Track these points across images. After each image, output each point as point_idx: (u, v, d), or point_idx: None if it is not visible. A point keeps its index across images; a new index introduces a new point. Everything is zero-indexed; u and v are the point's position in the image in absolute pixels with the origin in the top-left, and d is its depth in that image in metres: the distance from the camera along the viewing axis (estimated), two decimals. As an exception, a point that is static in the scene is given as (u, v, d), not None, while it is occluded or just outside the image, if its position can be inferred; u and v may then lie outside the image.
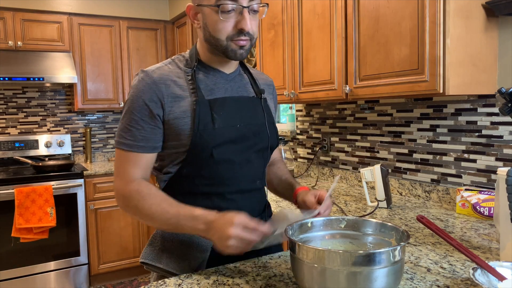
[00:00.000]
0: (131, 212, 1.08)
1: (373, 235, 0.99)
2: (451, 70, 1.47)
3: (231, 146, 1.11)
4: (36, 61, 3.35)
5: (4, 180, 3.00)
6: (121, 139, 1.08)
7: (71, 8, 3.54)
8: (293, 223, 0.99)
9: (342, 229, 1.03)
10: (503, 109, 1.17)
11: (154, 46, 3.91)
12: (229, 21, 1.04)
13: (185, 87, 1.10)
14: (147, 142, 1.07)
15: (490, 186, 1.69)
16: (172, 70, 1.12)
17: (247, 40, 1.07)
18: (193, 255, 1.12)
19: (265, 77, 1.32)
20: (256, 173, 1.19)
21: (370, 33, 1.75)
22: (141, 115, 1.06)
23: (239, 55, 1.08)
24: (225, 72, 1.17)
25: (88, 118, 3.97)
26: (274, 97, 1.34)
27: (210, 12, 1.05)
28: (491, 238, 1.35)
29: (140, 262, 1.19)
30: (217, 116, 1.09)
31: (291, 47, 2.28)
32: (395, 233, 0.94)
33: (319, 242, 1.01)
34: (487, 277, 0.91)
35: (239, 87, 1.19)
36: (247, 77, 1.24)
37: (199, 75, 1.13)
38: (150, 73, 1.09)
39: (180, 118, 1.07)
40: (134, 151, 1.07)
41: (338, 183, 1.07)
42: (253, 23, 1.07)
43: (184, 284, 1.01)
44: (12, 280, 3.03)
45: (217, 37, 1.06)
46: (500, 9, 1.51)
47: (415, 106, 2.00)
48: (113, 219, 3.42)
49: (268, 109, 1.22)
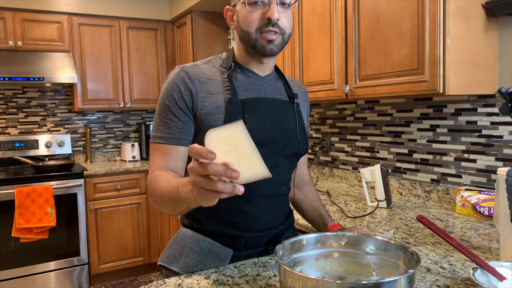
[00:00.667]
0: (154, 201, 1.02)
1: (377, 254, 0.87)
2: (451, 70, 1.48)
3: (260, 148, 1.10)
4: (36, 61, 3.35)
5: (4, 180, 3.00)
6: (157, 133, 1.09)
7: (71, 8, 3.54)
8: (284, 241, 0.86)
9: (342, 247, 0.90)
10: (503, 109, 1.17)
11: (154, 46, 3.91)
12: (256, 12, 1.05)
13: (219, 85, 1.11)
14: (183, 134, 1.08)
15: (490, 186, 1.69)
16: (208, 68, 1.13)
17: (276, 32, 1.06)
18: (211, 264, 1.11)
19: (299, 84, 1.32)
20: (283, 178, 1.18)
21: (370, 33, 1.75)
22: (176, 108, 1.07)
23: (269, 50, 1.08)
24: (260, 74, 1.17)
25: (88, 118, 3.97)
26: (308, 104, 1.33)
27: (241, 8, 1.08)
28: (491, 238, 1.35)
29: (158, 265, 1.19)
30: (248, 116, 1.09)
31: (291, 47, 2.28)
32: (403, 254, 0.82)
33: (315, 262, 0.90)
34: (487, 277, 0.91)
35: (273, 90, 1.19)
36: (282, 82, 1.24)
37: (235, 75, 1.14)
38: (186, 68, 1.10)
39: (212, 114, 1.08)
40: (169, 143, 1.07)
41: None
42: (283, 16, 1.06)
43: (184, 284, 1.01)
44: (12, 280, 3.03)
45: (247, 31, 1.07)
46: (500, 9, 1.51)
47: (415, 106, 2.00)
48: (113, 219, 3.42)
49: (300, 114, 1.22)
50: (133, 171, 3.48)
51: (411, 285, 0.72)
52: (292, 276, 0.72)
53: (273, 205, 1.16)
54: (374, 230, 1.48)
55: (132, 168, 3.47)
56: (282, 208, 1.21)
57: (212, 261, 1.12)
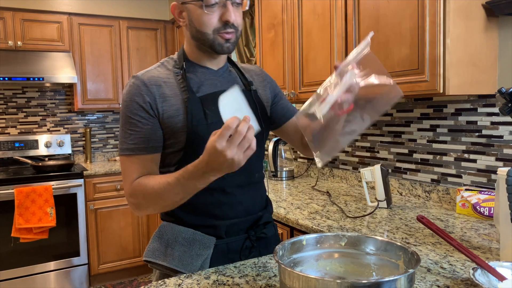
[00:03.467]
0: (143, 206, 1.07)
1: (377, 255, 0.87)
2: (451, 70, 1.47)
3: None
4: (36, 61, 3.35)
5: (4, 180, 3.00)
6: (123, 145, 1.09)
7: (71, 8, 3.54)
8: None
9: (342, 248, 0.90)
10: (503, 109, 1.17)
11: (154, 46, 3.91)
12: (213, 14, 1.06)
13: (175, 86, 1.12)
14: (148, 142, 1.09)
15: (490, 186, 1.69)
16: (162, 72, 1.14)
17: (233, 32, 1.09)
18: (196, 252, 1.12)
19: (253, 68, 1.34)
20: (254, 166, 1.21)
21: (370, 33, 1.75)
22: (138, 117, 1.08)
23: (226, 49, 1.10)
24: (213, 68, 1.19)
25: (88, 118, 3.97)
26: (269, 83, 1.33)
27: (194, 8, 1.08)
28: (491, 238, 1.35)
29: (143, 260, 1.20)
30: (209, 111, 1.11)
31: (291, 47, 2.28)
32: (403, 254, 0.82)
33: (315, 263, 0.90)
34: (487, 277, 0.91)
35: (228, 82, 1.20)
36: (235, 72, 1.26)
37: (188, 74, 1.15)
38: (140, 76, 1.11)
39: (173, 117, 1.09)
40: (137, 153, 1.08)
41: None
42: (237, 15, 1.09)
43: (184, 284, 1.01)
44: (12, 280, 3.02)
45: (203, 31, 1.08)
46: (500, 9, 1.51)
47: (415, 106, 2.00)
48: (113, 219, 3.42)
49: (259, 100, 1.24)
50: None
51: (411, 285, 0.72)
52: (292, 276, 0.72)
53: (248, 193, 1.19)
54: (375, 230, 1.48)
55: (132, 168, 3.47)
56: (258, 194, 1.24)
57: (197, 249, 1.12)
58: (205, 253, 1.13)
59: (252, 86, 1.24)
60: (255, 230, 1.21)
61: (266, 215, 1.25)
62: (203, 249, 1.12)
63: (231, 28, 1.08)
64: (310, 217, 1.68)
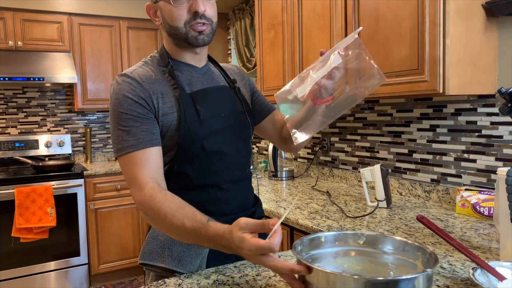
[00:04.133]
0: (150, 221, 1.02)
1: (395, 254, 0.87)
2: (451, 70, 1.48)
3: (219, 136, 1.13)
4: (36, 61, 3.35)
5: (4, 180, 3.00)
6: (123, 143, 1.03)
7: (71, 8, 3.54)
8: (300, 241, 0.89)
9: (360, 246, 0.90)
10: (503, 109, 1.17)
11: (154, 46, 3.91)
12: (182, 7, 1.07)
13: (166, 84, 1.12)
14: (151, 135, 1.05)
15: (490, 186, 1.69)
16: (148, 70, 1.13)
17: (206, 24, 1.09)
18: (195, 251, 1.12)
19: (232, 67, 1.35)
20: (245, 161, 1.23)
21: (370, 33, 1.75)
22: (135, 113, 1.04)
23: (201, 41, 1.10)
24: (197, 66, 1.19)
25: (88, 118, 3.97)
26: (247, 81, 1.34)
27: (164, 4, 1.08)
28: (491, 238, 1.35)
29: (139, 264, 1.18)
30: (200, 108, 1.11)
31: (291, 47, 2.28)
32: (422, 255, 0.81)
33: (333, 260, 0.90)
34: (487, 277, 0.91)
35: (213, 79, 1.21)
36: (217, 70, 1.26)
37: (175, 71, 1.15)
38: (130, 74, 1.09)
39: (168, 114, 1.09)
40: (140, 148, 1.02)
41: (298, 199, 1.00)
42: (207, 5, 1.08)
43: (184, 284, 1.01)
44: (12, 280, 3.03)
45: (175, 26, 1.08)
46: (500, 9, 1.51)
47: (415, 106, 2.00)
48: (113, 219, 3.42)
49: (243, 97, 1.25)
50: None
51: (429, 285, 0.72)
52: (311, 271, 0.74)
53: (241, 188, 1.20)
54: (374, 230, 1.48)
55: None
56: (249, 190, 1.26)
57: (196, 248, 1.11)
58: (204, 251, 1.12)
59: (235, 83, 1.25)
60: None
61: (259, 210, 1.27)
62: (202, 248, 1.12)
63: (202, 19, 1.07)
64: (310, 217, 1.68)
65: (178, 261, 1.11)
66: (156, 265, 1.14)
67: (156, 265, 1.14)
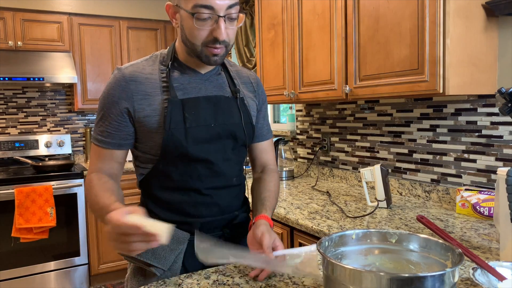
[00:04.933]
0: (88, 203, 1.10)
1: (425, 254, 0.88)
2: (451, 70, 1.48)
3: (205, 145, 1.12)
4: (36, 61, 3.35)
5: (4, 180, 3.00)
6: (94, 134, 1.13)
7: (71, 8, 3.54)
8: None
9: (392, 245, 0.91)
10: (503, 109, 1.17)
11: (154, 46, 3.91)
12: (204, 29, 1.04)
13: (156, 85, 1.11)
14: (112, 138, 1.10)
15: (490, 186, 1.69)
16: (147, 66, 1.13)
17: (222, 47, 1.06)
18: (170, 247, 1.12)
19: (247, 75, 1.30)
20: (233, 171, 1.20)
21: (370, 33, 1.75)
22: (110, 111, 1.09)
23: (213, 62, 1.09)
24: (201, 72, 1.17)
25: (88, 118, 3.97)
26: (259, 93, 1.30)
27: (186, 16, 1.04)
28: (491, 238, 1.35)
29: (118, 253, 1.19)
30: (188, 116, 1.10)
31: (291, 47, 2.28)
32: (451, 255, 0.82)
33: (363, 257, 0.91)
34: (487, 277, 0.91)
35: (214, 87, 1.18)
36: (225, 77, 1.23)
37: (174, 74, 1.14)
38: (123, 69, 1.12)
39: (150, 117, 1.09)
40: (101, 146, 1.11)
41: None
42: (229, 31, 1.06)
43: (184, 284, 1.01)
44: (12, 280, 3.03)
45: (192, 42, 1.07)
46: (500, 9, 1.51)
47: (415, 106, 2.00)
48: (113, 219, 3.41)
49: (244, 108, 1.21)
50: (133, 171, 3.48)
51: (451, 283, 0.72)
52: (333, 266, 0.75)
53: (225, 195, 1.19)
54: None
55: (132, 168, 3.47)
56: (235, 197, 1.23)
57: (171, 244, 1.11)
58: (179, 247, 1.12)
59: (239, 93, 1.21)
60: (230, 228, 1.21)
61: (242, 215, 1.25)
62: (177, 244, 1.12)
63: (220, 44, 1.05)
64: (310, 217, 1.68)
65: (152, 255, 1.10)
66: (132, 257, 1.13)
67: (133, 257, 1.13)
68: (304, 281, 1.01)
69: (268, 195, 1.24)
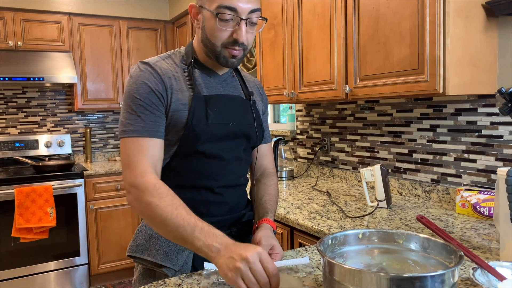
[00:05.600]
0: (141, 207, 1.00)
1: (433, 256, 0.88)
2: (451, 70, 1.48)
3: (221, 143, 1.15)
4: (36, 61, 3.35)
5: (4, 180, 3.00)
6: (129, 127, 1.04)
7: (71, 8, 3.54)
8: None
9: (399, 245, 0.92)
10: (503, 109, 1.17)
11: (154, 46, 3.91)
12: (226, 30, 1.06)
13: (182, 82, 1.13)
14: (157, 126, 1.07)
15: (490, 186, 1.69)
16: (170, 65, 1.14)
17: (240, 50, 1.09)
18: (180, 247, 1.12)
19: (254, 80, 1.36)
20: (243, 170, 1.24)
21: (370, 33, 1.75)
22: (148, 101, 1.06)
23: (230, 64, 1.11)
24: (218, 73, 1.20)
25: (88, 118, 3.97)
26: (264, 98, 1.37)
27: (209, 16, 1.07)
28: (491, 238, 1.35)
29: (127, 255, 1.20)
30: (211, 112, 1.11)
31: (291, 47, 2.28)
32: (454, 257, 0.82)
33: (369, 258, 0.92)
34: (487, 277, 0.91)
35: (231, 88, 1.22)
36: (238, 79, 1.27)
37: (195, 72, 1.16)
38: (152, 64, 1.11)
39: (179, 111, 1.10)
40: (145, 136, 1.04)
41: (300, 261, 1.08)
42: (249, 35, 1.09)
43: (184, 284, 1.01)
44: (12, 280, 3.03)
45: (212, 42, 1.09)
46: (500, 9, 1.51)
47: (415, 106, 2.00)
48: (113, 219, 3.42)
49: (257, 111, 1.26)
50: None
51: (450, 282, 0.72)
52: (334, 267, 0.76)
53: (234, 194, 1.22)
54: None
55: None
56: (242, 196, 1.27)
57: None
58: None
59: (252, 96, 1.25)
60: (238, 227, 1.23)
61: (249, 213, 1.27)
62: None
63: (240, 47, 1.08)
64: (310, 217, 1.68)
65: (164, 255, 1.11)
66: (143, 258, 1.15)
67: (143, 258, 1.14)
68: (304, 281, 1.01)
69: (269, 198, 1.27)
